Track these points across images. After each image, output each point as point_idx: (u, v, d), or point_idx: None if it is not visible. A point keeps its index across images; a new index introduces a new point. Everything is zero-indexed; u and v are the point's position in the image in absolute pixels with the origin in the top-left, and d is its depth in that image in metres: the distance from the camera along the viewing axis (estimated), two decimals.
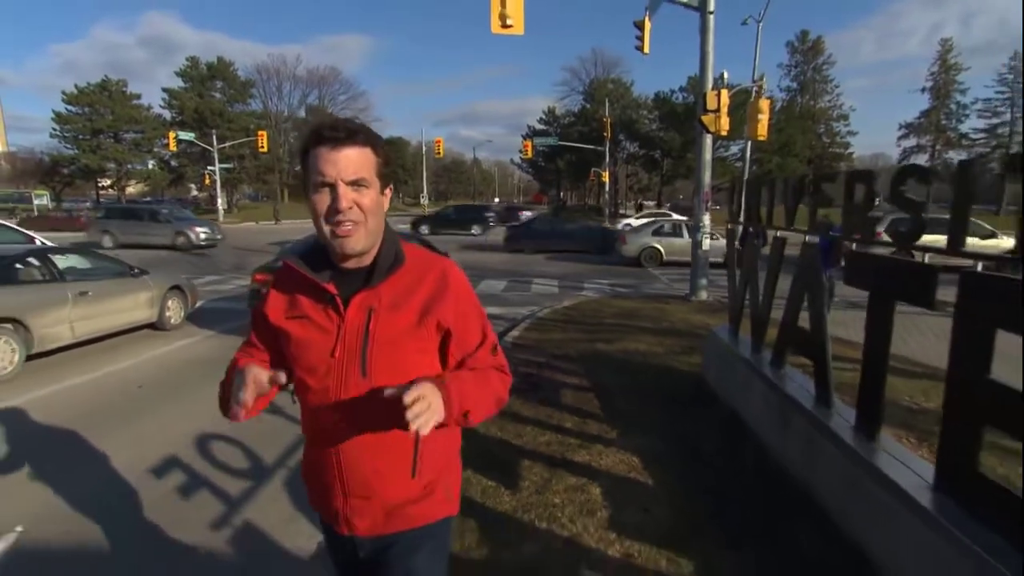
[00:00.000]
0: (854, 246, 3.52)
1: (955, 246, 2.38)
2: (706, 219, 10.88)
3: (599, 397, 5.03)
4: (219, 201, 43.42)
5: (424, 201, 54.08)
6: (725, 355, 5.04)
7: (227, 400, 1.25)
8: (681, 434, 4.19)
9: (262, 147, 40.61)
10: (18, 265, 6.18)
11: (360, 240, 1.23)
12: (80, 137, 47.63)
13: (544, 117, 60.83)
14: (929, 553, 2.24)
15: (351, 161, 1.19)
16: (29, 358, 5.98)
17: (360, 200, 1.20)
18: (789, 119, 51.92)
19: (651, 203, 59.33)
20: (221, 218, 40.70)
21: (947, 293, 2.19)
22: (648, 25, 13.16)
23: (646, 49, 13.48)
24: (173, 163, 53.24)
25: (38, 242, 8.99)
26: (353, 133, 1.20)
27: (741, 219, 5.14)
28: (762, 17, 23.11)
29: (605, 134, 40.05)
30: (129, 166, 50.71)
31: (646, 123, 53.79)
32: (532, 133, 57.02)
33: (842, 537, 2.77)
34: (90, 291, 6.69)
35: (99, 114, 47.89)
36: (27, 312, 5.88)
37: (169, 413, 4.96)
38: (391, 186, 1.32)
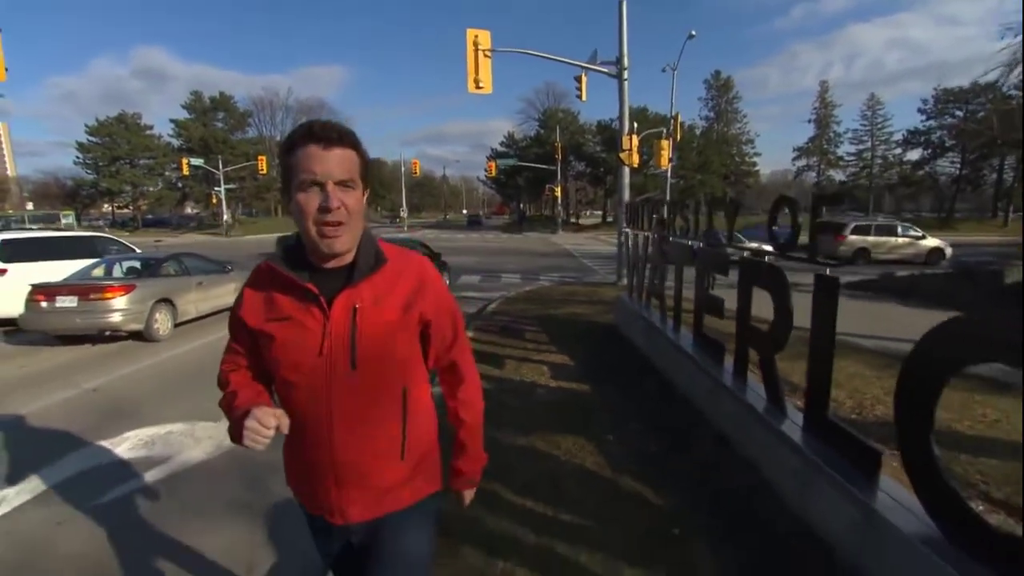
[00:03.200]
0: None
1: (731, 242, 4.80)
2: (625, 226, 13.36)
3: (548, 335, 7.34)
4: (225, 217, 44.36)
5: (404, 214, 55.99)
6: (624, 308, 7.43)
7: (235, 434, 1.17)
8: (596, 350, 6.52)
9: (262, 170, 41.96)
10: (164, 264, 8.18)
11: (346, 241, 1.14)
12: (100, 164, 48.08)
13: (505, 140, 63.43)
14: (693, 375, 4.59)
15: (340, 161, 1.10)
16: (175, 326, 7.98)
17: (346, 200, 1.11)
18: (708, 143, 55.67)
19: (598, 212, 62.58)
20: (226, 232, 41.94)
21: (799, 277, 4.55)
22: (584, 79, 15.56)
23: (583, 98, 15.93)
24: (179, 184, 53.80)
25: (138, 251, 10.79)
26: (343, 135, 1.12)
27: (629, 227, 7.54)
28: (676, 67, 25.89)
29: (557, 156, 42.81)
30: (143, 188, 51.20)
31: (591, 146, 56.76)
32: (495, 155, 59.43)
33: (665, 381, 5.14)
34: (203, 282, 8.69)
35: (116, 143, 48.41)
36: (174, 294, 7.88)
37: None
38: (368, 189, 1.21)
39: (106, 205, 56.38)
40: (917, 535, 2.08)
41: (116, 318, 6.91)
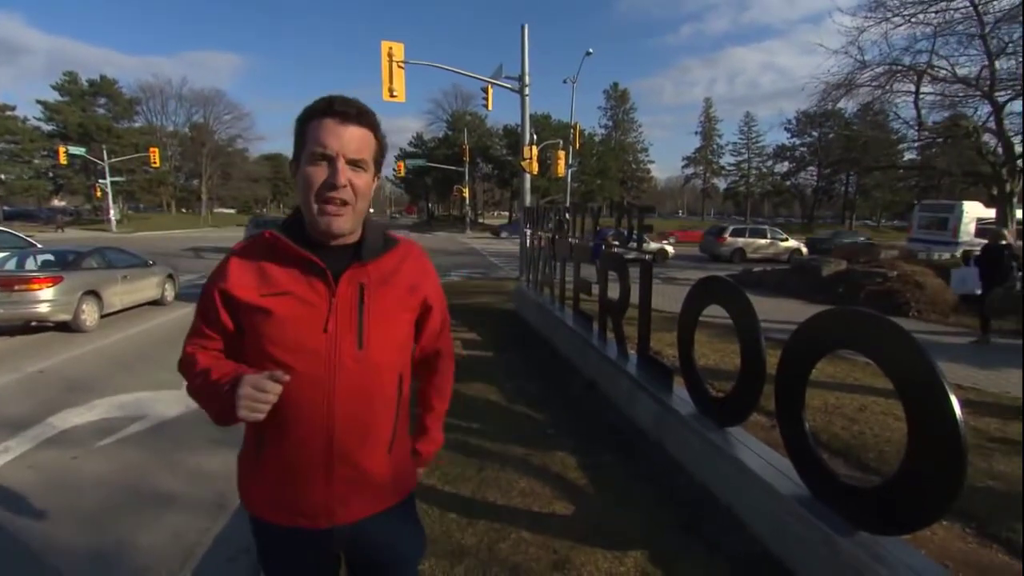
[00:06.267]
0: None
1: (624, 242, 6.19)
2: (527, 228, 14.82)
3: (459, 319, 8.48)
4: (112, 212, 40.97)
5: None
6: (522, 296, 8.77)
7: (222, 410, 1.04)
8: (499, 328, 7.79)
9: (154, 163, 39.36)
10: (88, 257, 8.35)
11: (347, 222, 1.09)
12: None
13: (414, 140, 63.57)
14: (571, 340, 5.96)
15: (355, 139, 1.06)
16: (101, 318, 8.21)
17: (355, 181, 1.07)
18: (606, 150, 59.36)
19: (505, 213, 64.53)
20: (114, 228, 38.85)
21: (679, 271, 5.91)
22: (491, 90, 16.85)
23: (489, 107, 17.26)
24: (50, 174, 48.68)
25: (39, 245, 10.58)
26: (363, 113, 1.08)
27: (528, 227, 8.91)
28: (576, 79, 28.02)
29: (465, 158, 43.98)
30: (4, 177, 45.73)
31: (498, 149, 58.38)
32: (404, 155, 59.36)
33: (552, 349, 6.47)
34: (127, 276, 8.90)
35: None
36: (100, 287, 8.11)
37: None
38: (379, 175, 1.17)
39: None
40: (688, 414, 3.48)
41: (44, 308, 7.14)
